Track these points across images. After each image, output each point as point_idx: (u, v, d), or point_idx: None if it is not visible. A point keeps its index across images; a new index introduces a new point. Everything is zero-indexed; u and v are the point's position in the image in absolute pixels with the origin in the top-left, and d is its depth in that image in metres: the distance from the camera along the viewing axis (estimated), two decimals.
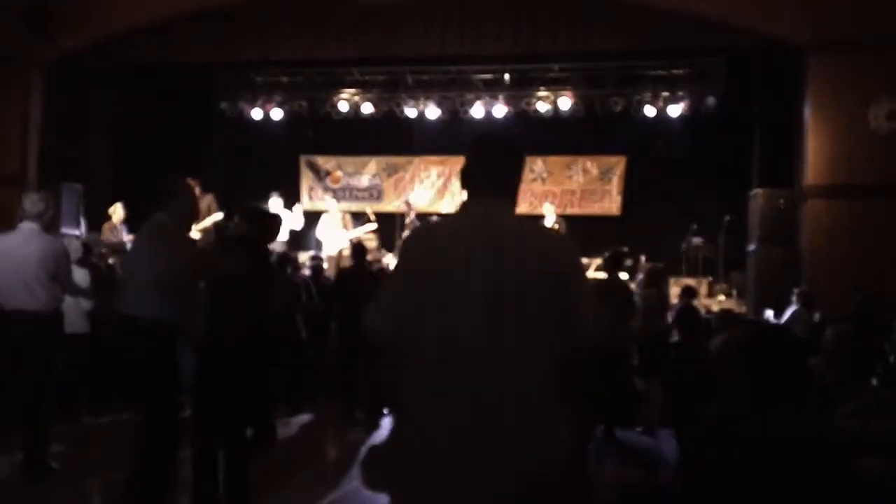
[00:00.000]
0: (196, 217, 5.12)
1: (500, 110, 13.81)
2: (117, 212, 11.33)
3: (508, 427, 2.36)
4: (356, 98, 14.28)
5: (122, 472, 4.87)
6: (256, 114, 14.59)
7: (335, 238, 12.54)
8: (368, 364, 8.74)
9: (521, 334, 2.41)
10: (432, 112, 14.08)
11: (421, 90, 14.11)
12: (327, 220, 12.94)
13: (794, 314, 8.38)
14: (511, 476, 2.35)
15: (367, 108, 14.25)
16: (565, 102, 13.50)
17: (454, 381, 2.40)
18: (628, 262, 11.59)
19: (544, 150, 14.44)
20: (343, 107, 14.26)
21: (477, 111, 13.88)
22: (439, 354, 2.44)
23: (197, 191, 11.21)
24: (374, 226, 13.04)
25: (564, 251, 2.60)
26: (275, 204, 12.74)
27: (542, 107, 13.65)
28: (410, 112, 14.17)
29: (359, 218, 13.20)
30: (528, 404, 2.39)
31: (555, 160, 14.54)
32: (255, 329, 4.95)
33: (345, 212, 13.10)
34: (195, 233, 10.27)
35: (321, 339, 9.39)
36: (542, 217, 12.61)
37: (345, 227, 12.78)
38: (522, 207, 14.14)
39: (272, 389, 8.43)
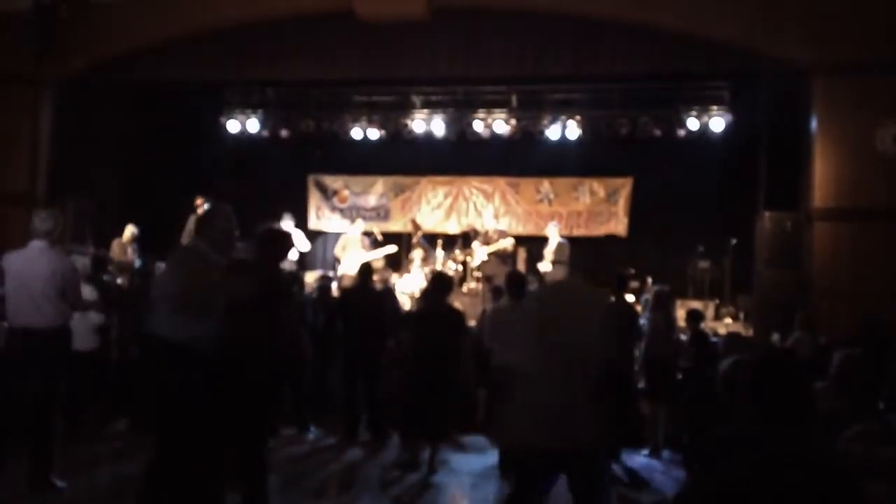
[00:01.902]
0: (234, 241, 5.10)
1: (506, 131, 13.86)
2: (129, 232, 11.39)
3: (561, 408, 4.14)
4: (363, 118, 14.35)
5: (128, 490, 4.87)
6: (264, 133, 14.67)
7: (354, 258, 12.51)
8: (371, 384, 8.74)
9: (570, 359, 4.18)
10: (439, 132, 14.13)
11: (428, 110, 14.18)
12: (346, 241, 12.97)
13: (798, 337, 8.35)
14: (564, 435, 4.15)
15: (375, 128, 14.31)
16: (571, 124, 13.55)
17: (539, 388, 4.22)
18: (634, 284, 11.60)
19: (550, 171, 14.48)
20: (350, 126, 14.33)
21: (483, 132, 13.94)
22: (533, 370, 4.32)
23: (206, 207, 11.38)
24: (394, 248, 13.02)
25: (597, 306, 4.44)
26: (286, 224, 12.79)
27: (548, 128, 13.70)
28: (418, 132, 14.23)
29: (368, 235, 13.22)
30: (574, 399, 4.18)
31: (561, 181, 14.57)
32: (266, 352, 4.95)
33: (364, 233, 13.11)
34: None
35: (326, 359, 9.38)
36: (544, 239, 12.62)
37: (364, 248, 12.79)
38: (528, 229, 14.22)
39: (274, 411, 8.44)
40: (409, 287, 11.97)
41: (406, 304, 11.35)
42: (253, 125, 14.60)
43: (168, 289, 4.85)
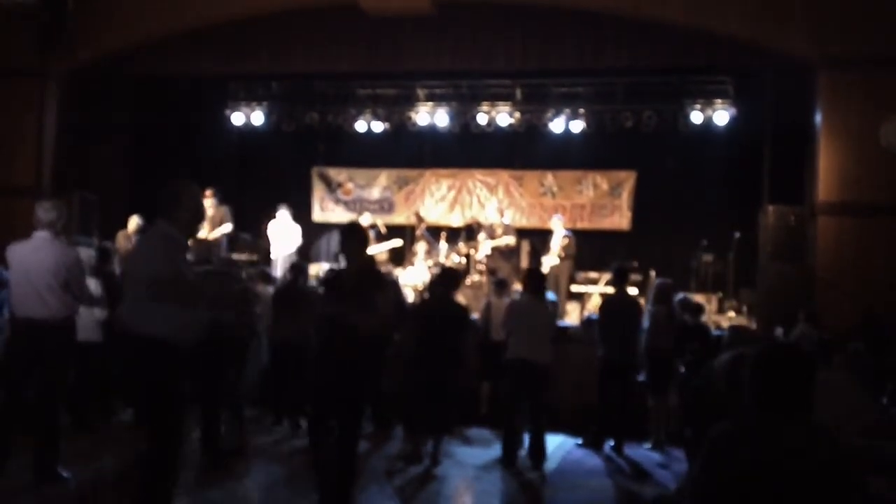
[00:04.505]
0: (200, 222, 4.84)
1: (510, 124, 13.87)
2: (133, 223, 11.42)
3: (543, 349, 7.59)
4: (368, 111, 14.37)
5: (131, 480, 4.88)
6: (269, 126, 14.69)
7: None
8: (375, 377, 8.75)
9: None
10: (443, 125, 14.14)
11: (432, 103, 14.19)
12: None
13: (801, 331, 8.36)
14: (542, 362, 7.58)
15: (379, 121, 14.33)
16: (575, 117, 13.56)
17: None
18: (638, 277, 11.61)
19: (554, 164, 14.48)
20: (355, 119, 14.35)
21: (488, 125, 13.96)
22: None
23: (213, 202, 11.38)
24: (399, 242, 13.04)
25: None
26: (282, 216, 12.81)
27: (552, 121, 13.71)
28: (422, 125, 14.24)
29: (372, 228, 13.23)
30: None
31: (565, 175, 14.56)
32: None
33: (369, 226, 13.12)
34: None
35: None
36: (550, 232, 12.62)
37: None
38: (532, 222, 14.23)
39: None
40: (412, 280, 11.98)
41: (410, 296, 11.36)
42: (257, 118, 14.64)
43: (142, 274, 4.40)
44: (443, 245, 12.77)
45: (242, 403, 7.89)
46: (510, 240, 12.51)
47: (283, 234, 12.74)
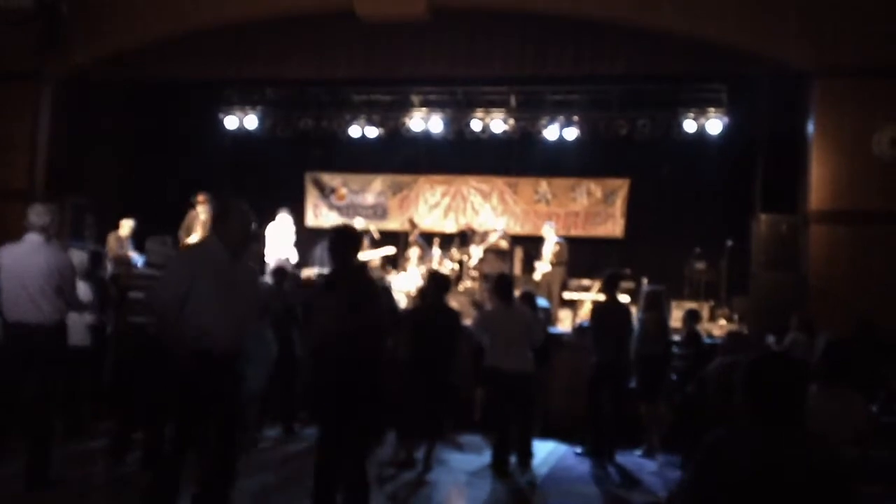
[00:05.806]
0: (248, 235, 4.95)
1: (505, 131, 13.89)
2: (126, 226, 11.39)
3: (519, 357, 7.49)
4: (362, 116, 14.37)
5: (123, 486, 4.86)
6: (263, 130, 14.69)
7: None
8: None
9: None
10: (438, 131, 14.15)
11: (427, 109, 14.20)
12: None
13: (794, 339, 8.38)
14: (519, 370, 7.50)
15: (373, 127, 14.34)
16: (570, 125, 13.58)
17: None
18: (629, 284, 11.61)
19: (548, 171, 14.50)
20: (349, 125, 14.35)
21: (483, 132, 13.97)
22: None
23: (206, 207, 11.37)
24: (393, 250, 13.04)
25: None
26: (283, 220, 12.78)
27: (547, 128, 13.73)
28: (416, 131, 14.25)
29: (365, 234, 13.22)
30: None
31: (559, 182, 14.58)
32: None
33: (362, 230, 13.11)
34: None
35: None
36: (542, 239, 12.65)
37: (362, 247, 12.78)
38: (526, 228, 14.24)
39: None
40: (405, 285, 11.98)
41: (402, 302, 11.35)
42: (251, 122, 14.64)
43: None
44: (436, 251, 12.77)
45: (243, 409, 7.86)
46: (496, 235, 12.54)
47: (281, 238, 12.68)
